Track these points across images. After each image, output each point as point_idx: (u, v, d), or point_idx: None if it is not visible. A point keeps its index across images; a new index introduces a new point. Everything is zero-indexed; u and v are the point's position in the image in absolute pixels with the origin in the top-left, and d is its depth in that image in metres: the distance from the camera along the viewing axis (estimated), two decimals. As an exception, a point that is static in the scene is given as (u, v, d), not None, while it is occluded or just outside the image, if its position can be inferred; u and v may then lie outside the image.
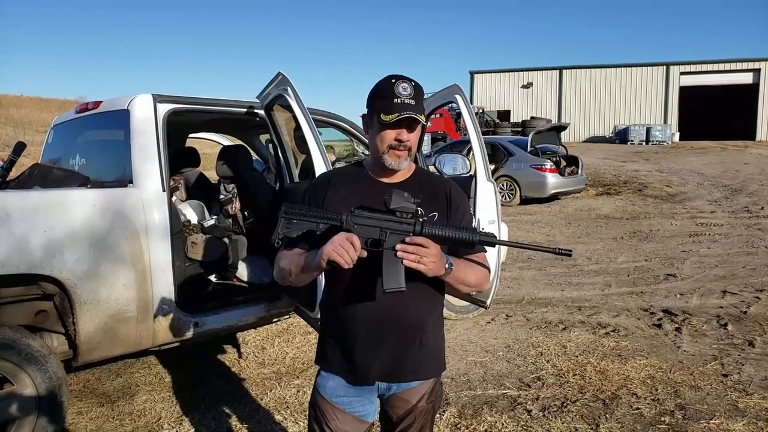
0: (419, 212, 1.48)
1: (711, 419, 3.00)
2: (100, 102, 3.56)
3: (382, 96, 1.57)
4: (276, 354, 4.12)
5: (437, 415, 2.18)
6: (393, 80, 1.56)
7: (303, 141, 3.30)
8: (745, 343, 4.11)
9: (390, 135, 1.56)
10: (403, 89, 1.54)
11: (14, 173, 3.93)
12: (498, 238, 1.56)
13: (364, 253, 1.45)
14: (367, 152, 5.42)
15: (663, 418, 3.03)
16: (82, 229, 2.81)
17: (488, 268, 1.69)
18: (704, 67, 30.38)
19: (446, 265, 1.49)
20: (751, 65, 29.38)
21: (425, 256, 1.42)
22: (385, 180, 1.66)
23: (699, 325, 4.50)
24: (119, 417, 3.24)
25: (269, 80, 3.47)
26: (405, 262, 1.41)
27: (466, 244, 1.50)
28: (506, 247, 5.30)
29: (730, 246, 7.56)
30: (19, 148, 3.89)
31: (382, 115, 1.54)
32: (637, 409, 3.15)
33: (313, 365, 3.82)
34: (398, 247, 1.42)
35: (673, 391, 3.36)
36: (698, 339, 4.23)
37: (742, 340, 4.16)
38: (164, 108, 3.30)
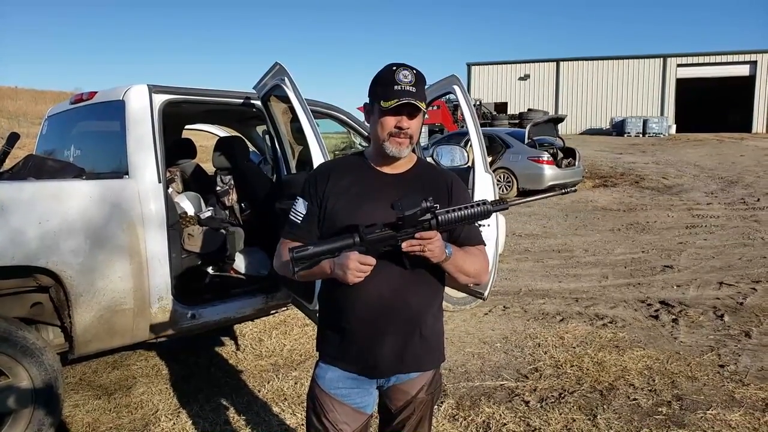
0: (428, 205, 1.44)
1: (708, 410, 3.01)
2: (95, 92, 3.53)
3: (382, 83, 1.55)
4: (274, 346, 4.12)
5: (435, 407, 2.18)
6: (394, 68, 1.55)
7: (300, 132, 3.28)
8: (742, 334, 4.13)
9: (390, 122, 1.55)
10: (404, 76, 1.53)
11: (8, 165, 3.90)
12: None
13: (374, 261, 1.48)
14: (364, 144, 5.38)
15: (660, 409, 3.05)
16: (78, 221, 2.79)
17: (487, 260, 1.69)
18: (701, 60, 30.35)
19: (446, 252, 1.51)
20: (747, 57, 29.37)
21: (429, 244, 1.45)
22: (387, 170, 1.64)
23: (696, 317, 4.52)
24: (116, 409, 3.23)
25: (266, 70, 3.44)
26: (406, 246, 1.45)
27: (483, 216, 1.51)
28: (504, 240, 5.30)
29: (726, 237, 7.57)
30: (13, 138, 3.85)
31: (382, 102, 1.53)
32: (635, 399, 3.16)
33: (311, 357, 3.83)
34: (404, 245, 1.45)
35: (670, 381, 3.37)
36: (695, 330, 4.24)
37: (738, 331, 4.18)
38: (160, 98, 3.27)
